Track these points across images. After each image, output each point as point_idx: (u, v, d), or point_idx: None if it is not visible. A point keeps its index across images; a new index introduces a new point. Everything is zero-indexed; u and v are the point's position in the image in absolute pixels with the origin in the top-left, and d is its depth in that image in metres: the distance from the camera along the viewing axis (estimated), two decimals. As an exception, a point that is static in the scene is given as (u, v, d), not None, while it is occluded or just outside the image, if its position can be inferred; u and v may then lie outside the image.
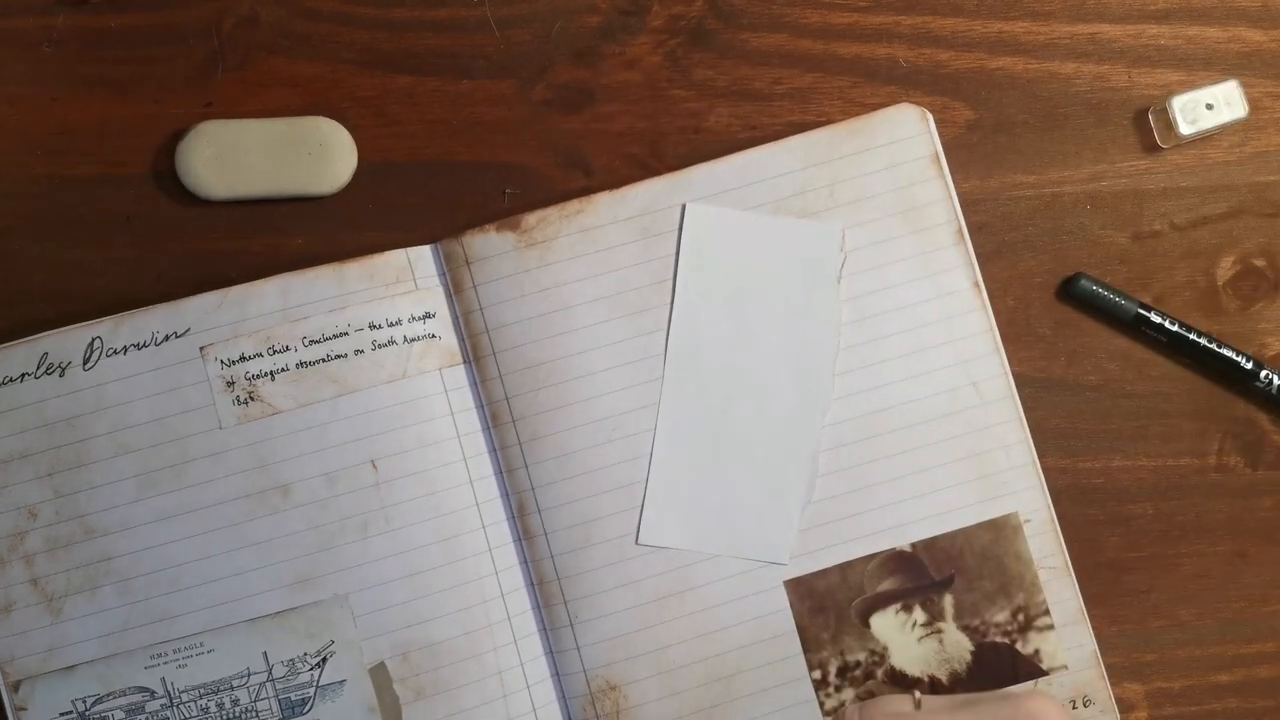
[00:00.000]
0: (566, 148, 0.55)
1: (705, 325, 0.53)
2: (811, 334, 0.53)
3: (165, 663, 0.51)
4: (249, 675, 0.51)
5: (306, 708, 0.51)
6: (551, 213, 0.53)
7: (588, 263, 0.53)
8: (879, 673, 0.52)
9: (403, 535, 0.51)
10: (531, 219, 0.53)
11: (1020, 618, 0.53)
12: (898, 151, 0.54)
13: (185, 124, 0.54)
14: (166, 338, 0.51)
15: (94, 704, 0.51)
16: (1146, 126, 0.56)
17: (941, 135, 0.54)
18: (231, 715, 0.51)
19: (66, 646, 0.50)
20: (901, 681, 0.52)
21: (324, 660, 0.51)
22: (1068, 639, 0.53)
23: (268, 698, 0.51)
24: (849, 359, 0.53)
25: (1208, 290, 0.56)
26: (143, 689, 0.51)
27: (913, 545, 0.53)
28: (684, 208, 0.53)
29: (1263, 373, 0.54)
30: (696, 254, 0.53)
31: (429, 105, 0.55)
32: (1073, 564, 0.53)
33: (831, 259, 0.53)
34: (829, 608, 0.53)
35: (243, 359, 0.51)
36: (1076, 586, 0.53)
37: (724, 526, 0.53)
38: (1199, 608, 0.54)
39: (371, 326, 0.52)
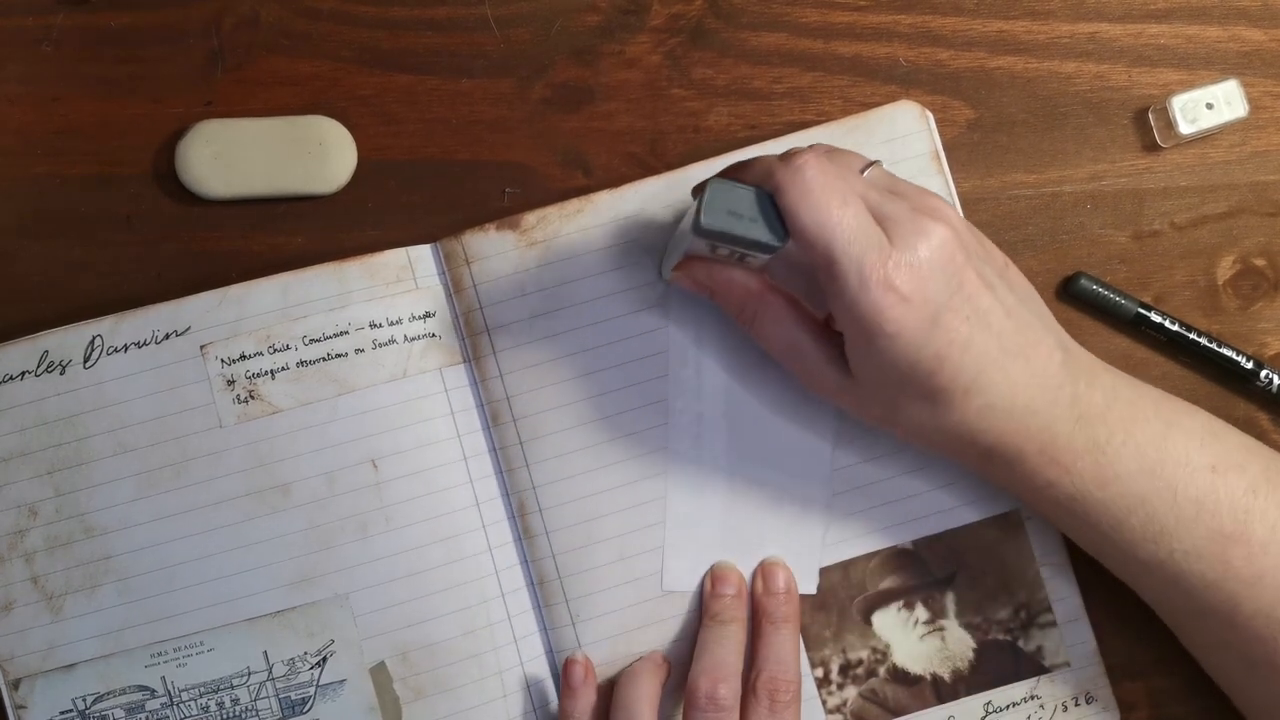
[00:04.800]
0: (566, 147, 0.55)
1: (706, 385, 0.52)
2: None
3: (165, 661, 0.51)
4: (249, 674, 0.51)
5: (306, 707, 0.51)
6: (551, 212, 0.53)
7: (587, 261, 0.53)
8: (881, 670, 0.52)
9: (403, 535, 0.51)
10: (531, 218, 0.53)
11: (1022, 615, 0.53)
12: (897, 148, 0.53)
13: (185, 123, 0.54)
14: (167, 336, 0.51)
15: (94, 702, 0.50)
16: (1146, 126, 0.56)
17: (942, 135, 0.54)
18: (231, 714, 0.51)
19: (66, 645, 0.50)
20: (904, 680, 0.52)
21: (324, 659, 0.51)
22: (1069, 636, 0.53)
23: (268, 697, 0.51)
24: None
25: (1208, 290, 0.56)
26: (143, 688, 0.51)
27: (914, 543, 0.53)
28: (666, 287, 0.53)
29: (1263, 372, 0.54)
30: (685, 319, 0.53)
31: (429, 104, 0.55)
32: (1074, 561, 0.53)
33: None
34: (831, 605, 0.52)
35: (243, 358, 0.51)
36: (1077, 584, 0.53)
37: (747, 569, 0.52)
38: (1200, 606, 0.54)
39: (371, 325, 0.52)
